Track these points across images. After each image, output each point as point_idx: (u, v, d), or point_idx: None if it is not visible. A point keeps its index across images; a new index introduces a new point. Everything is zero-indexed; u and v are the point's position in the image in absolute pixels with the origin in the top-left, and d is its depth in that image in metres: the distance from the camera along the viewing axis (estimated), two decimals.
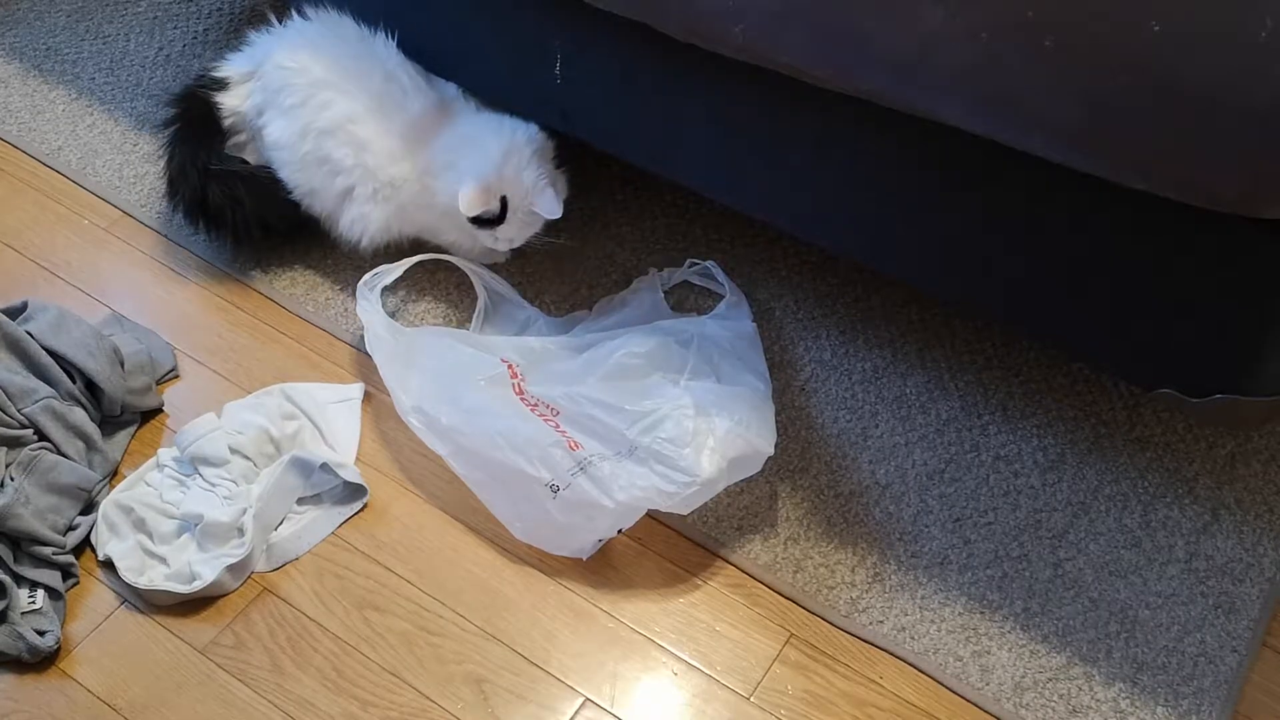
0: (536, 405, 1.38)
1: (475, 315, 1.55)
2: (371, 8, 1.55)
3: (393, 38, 1.54)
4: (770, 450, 1.34)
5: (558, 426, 1.34)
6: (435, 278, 1.60)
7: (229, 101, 1.59)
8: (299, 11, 1.60)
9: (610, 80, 1.41)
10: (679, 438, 1.30)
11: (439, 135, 1.52)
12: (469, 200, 1.46)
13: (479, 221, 1.49)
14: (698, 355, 1.42)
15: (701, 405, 1.33)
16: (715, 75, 1.27)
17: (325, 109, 1.52)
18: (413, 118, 1.52)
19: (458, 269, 1.58)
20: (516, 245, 1.56)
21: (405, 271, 1.53)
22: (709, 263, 1.59)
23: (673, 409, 1.32)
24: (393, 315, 1.55)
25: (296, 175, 1.56)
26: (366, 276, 1.49)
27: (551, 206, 1.49)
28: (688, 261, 1.61)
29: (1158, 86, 0.98)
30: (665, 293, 1.58)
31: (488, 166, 1.47)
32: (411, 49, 1.55)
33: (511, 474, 1.31)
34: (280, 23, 1.60)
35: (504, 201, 1.48)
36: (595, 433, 1.34)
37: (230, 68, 1.61)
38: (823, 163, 1.32)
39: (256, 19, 1.85)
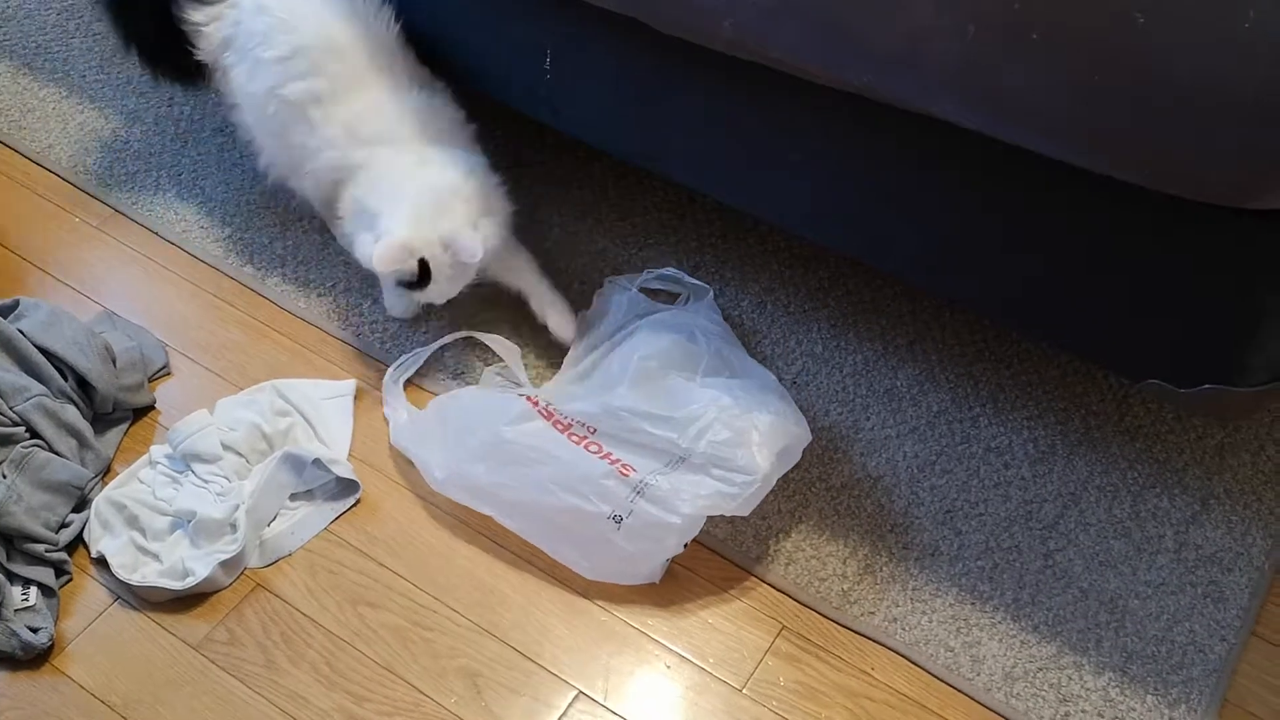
0: (571, 426, 1.35)
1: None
2: None
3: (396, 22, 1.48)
4: (809, 436, 1.35)
5: (600, 450, 1.33)
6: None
7: (195, 16, 1.51)
8: None
9: (600, 76, 1.41)
10: (731, 439, 1.30)
11: (368, 169, 1.45)
12: (381, 258, 1.36)
13: (403, 284, 1.41)
14: (708, 350, 1.42)
15: (740, 402, 1.33)
16: (706, 71, 1.27)
17: (299, 80, 1.45)
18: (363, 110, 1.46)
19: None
20: (451, 297, 1.45)
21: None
22: (666, 269, 1.59)
23: (718, 411, 1.32)
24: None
25: (256, 125, 1.53)
26: (390, 370, 1.49)
27: (470, 248, 1.37)
28: (645, 270, 1.59)
29: (1143, 78, 0.98)
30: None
31: (401, 223, 1.38)
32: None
33: (570, 516, 1.29)
34: None
35: (423, 264, 1.38)
36: (640, 445, 1.33)
37: None
38: (815, 159, 1.32)
39: None
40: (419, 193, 1.41)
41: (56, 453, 1.37)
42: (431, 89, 1.52)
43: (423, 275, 1.39)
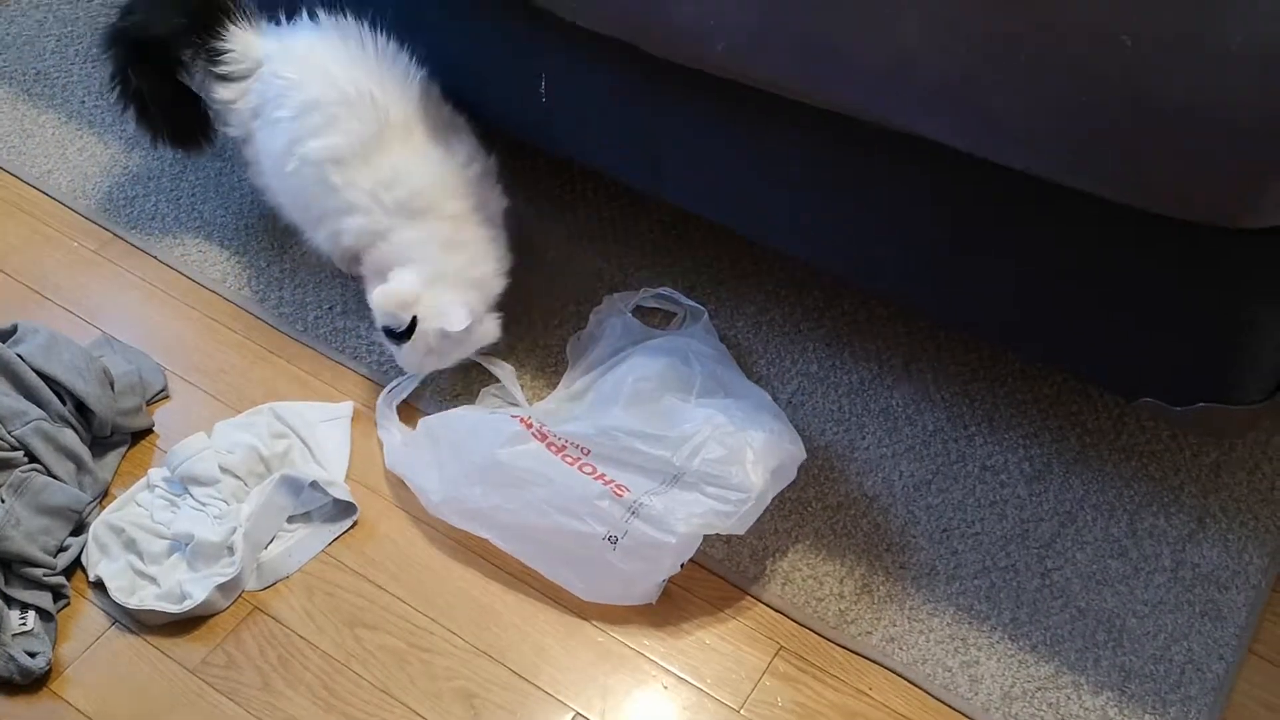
0: (565, 448, 1.35)
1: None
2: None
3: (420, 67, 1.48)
4: (803, 454, 1.35)
5: (594, 471, 1.33)
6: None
7: (224, 94, 1.53)
8: (309, 12, 1.51)
9: (595, 100, 1.42)
10: (725, 456, 1.30)
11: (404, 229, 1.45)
12: (378, 300, 1.40)
13: (386, 332, 1.43)
14: (702, 372, 1.43)
15: (735, 421, 1.33)
16: (700, 94, 1.28)
17: (314, 136, 1.45)
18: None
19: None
20: (440, 367, 1.47)
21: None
22: (662, 289, 1.60)
23: (712, 430, 1.32)
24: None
25: (276, 186, 1.53)
26: (384, 393, 1.49)
27: (456, 317, 1.39)
28: (643, 289, 1.60)
29: (1131, 100, 0.99)
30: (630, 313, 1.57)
31: (410, 277, 1.41)
32: None
33: (566, 537, 1.29)
34: (288, 20, 1.53)
35: (414, 321, 1.40)
36: (634, 465, 1.33)
37: (232, 60, 1.50)
38: (808, 181, 1.32)
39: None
40: (438, 262, 1.43)
41: (55, 476, 1.37)
42: (470, 155, 1.50)
43: (407, 330, 1.40)
